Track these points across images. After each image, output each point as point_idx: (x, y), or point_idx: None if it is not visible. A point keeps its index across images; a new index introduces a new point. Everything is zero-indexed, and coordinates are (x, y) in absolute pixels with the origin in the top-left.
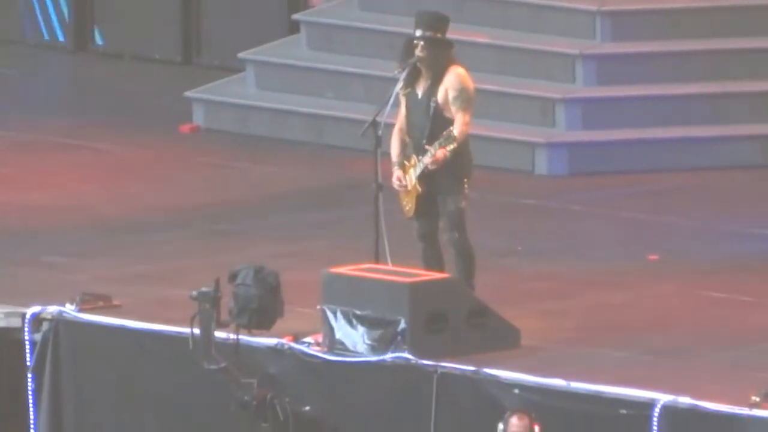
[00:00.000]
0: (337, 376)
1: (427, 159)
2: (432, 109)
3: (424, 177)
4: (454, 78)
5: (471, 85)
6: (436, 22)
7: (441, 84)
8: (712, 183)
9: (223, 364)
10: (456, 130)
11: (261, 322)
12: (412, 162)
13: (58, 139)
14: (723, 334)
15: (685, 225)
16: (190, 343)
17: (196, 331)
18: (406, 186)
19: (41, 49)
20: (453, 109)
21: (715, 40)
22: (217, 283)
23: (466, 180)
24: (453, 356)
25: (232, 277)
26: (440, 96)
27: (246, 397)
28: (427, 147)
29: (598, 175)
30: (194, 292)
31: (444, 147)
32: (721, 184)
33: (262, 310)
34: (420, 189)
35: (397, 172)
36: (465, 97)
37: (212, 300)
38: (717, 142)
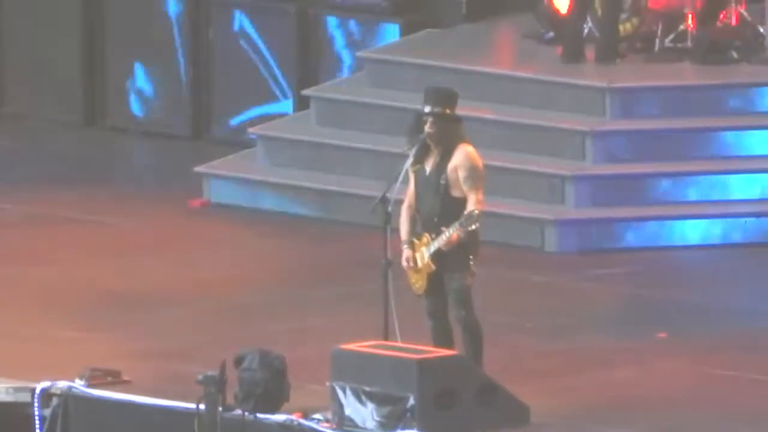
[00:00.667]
0: None
1: (441, 240)
2: (442, 187)
3: (434, 255)
4: (463, 157)
5: (480, 162)
6: (445, 98)
7: (450, 161)
8: (722, 260)
9: None
10: (474, 209)
11: (267, 407)
12: (424, 240)
13: (68, 214)
14: (733, 412)
15: (694, 302)
16: (196, 427)
17: (202, 411)
18: (415, 266)
19: (52, 124)
20: (465, 188)
21: (724, 118)
22: (223, 366)
23: (472, 257)
24: None
25: (238, 361)
26: (449, 174)
27: None
28: (443, 229)
29: (608, 252)
30: (200, 376)
31: (465, 227)
32: (729, 261)
33: (268, 394)
34: (433, 267)
35: (406, 252)
36: (476, 176)
37: (217, 384)
38: (726, 219)
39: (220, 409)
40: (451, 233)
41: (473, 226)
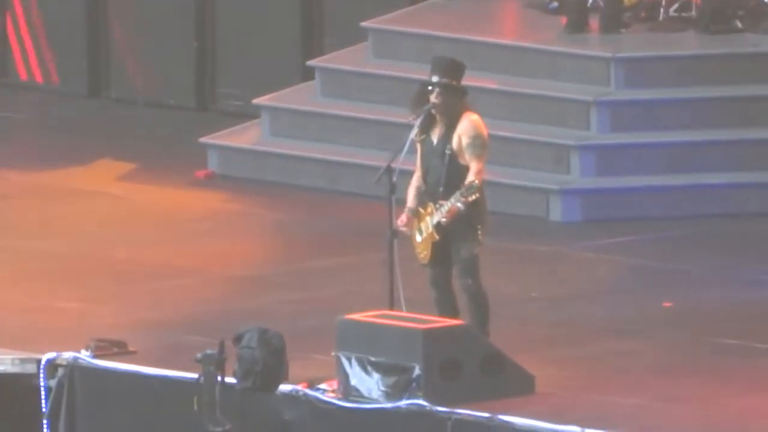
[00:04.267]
0: (352, 423)
1: (442, 212)
2: (447, 156)
3: (439, 226)
4: (468, 124)
5: (485, 131)
6: (453, 70)
7: (455, 131)
8: (725, 230)
9: (227, 427)
10: (474, 179)
11: (265, 384)
12: (428, 210)
13: (73, 185)
14: (736, 381)
15: (698, 272)
16: (195, 404)
17: (202, 388)
18: (409, 229)
19: (56, 95)
20: (467, 156)
21: (729, 87)
22: (222, 345)
23: (480, 227)
24: (467, 403)
25: (237, 339)
26: (454, 143)
27: None
28: (441, 202)
29: (612, 221)
30: (198, 355)
31: (465, 197)
32: (734, 231)
33: (267, 372)
34: (437, 237)
35: (404, 216)
36: (478, 144)
37: (217, 362)
38: (730, 189)
39: (218, 387)
40: (450, 204)
41: (472, 197)
